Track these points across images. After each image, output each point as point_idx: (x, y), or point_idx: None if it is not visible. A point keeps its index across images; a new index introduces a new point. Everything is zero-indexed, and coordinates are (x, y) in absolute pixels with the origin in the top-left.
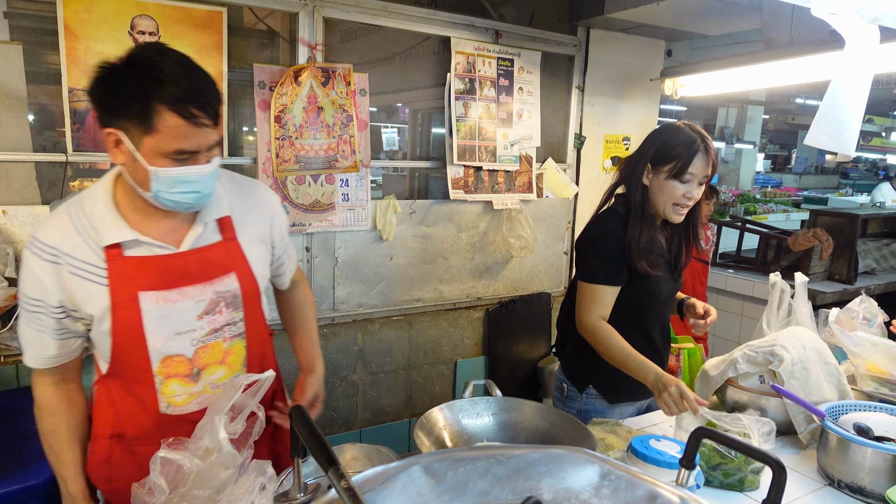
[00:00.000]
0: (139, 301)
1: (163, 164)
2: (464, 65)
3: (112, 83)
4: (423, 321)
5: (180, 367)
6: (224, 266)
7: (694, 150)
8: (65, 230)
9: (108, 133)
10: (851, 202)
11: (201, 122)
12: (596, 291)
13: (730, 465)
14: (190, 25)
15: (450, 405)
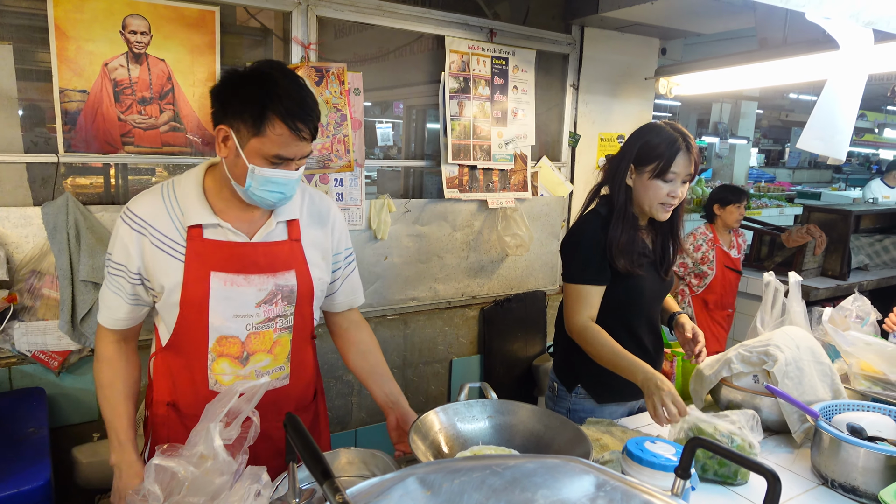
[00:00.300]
0: (210, 279)
1: (260, 165)
2: (458, 64)
3: (236, 87)
4: (419, 320)
5: (233, 349)
6: (287, 263)
7: (675, 148)
8: (155, 206)
9: (220, 129)
10: (844, 197)
11: (302, 135)
12: (581, 292)
13: None
14: (182, 25)
15: (445, 408)
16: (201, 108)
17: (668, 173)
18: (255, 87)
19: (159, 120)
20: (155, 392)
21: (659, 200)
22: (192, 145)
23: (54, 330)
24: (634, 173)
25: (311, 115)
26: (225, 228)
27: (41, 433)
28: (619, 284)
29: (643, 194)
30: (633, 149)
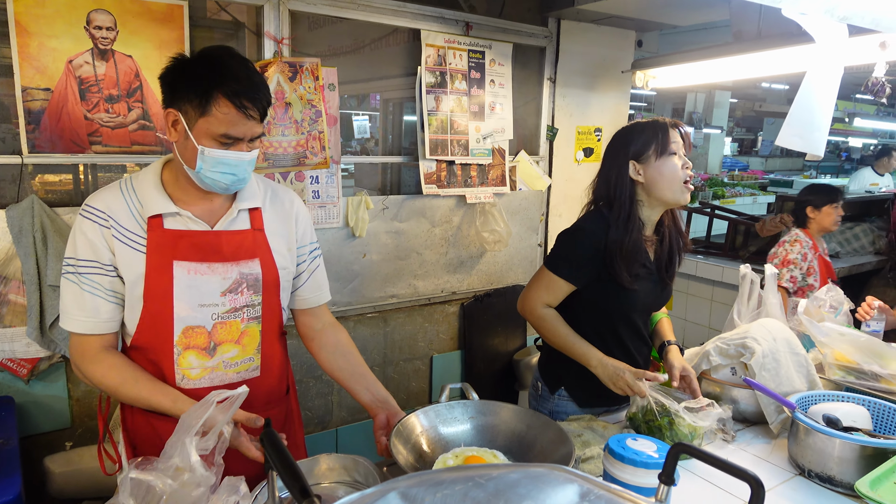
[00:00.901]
0: (173, 268)
1: (210, 146)
2: (434, 58)
3: (181, 70)
4: (398, 317)
5: (199, 339)
6: (250, 251)
7: (663, 124)
8: (114, 199)
9: (169, 112)
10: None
11: (249, 114)
12: (553, 282)
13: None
14: (149, 20)
15: (426, 410)
16: None
17: (669, 145)
18: (201, 68)
19: (127, 118)
20: None
21: (679, 178)
22: (163, 144)
23: (22, 337)
24: (640, 166)
25: (258, 94)
26: (185, 217)
27: (10, 444)
28: (614, 291)
29: (661, 179)
30: (623, 149)
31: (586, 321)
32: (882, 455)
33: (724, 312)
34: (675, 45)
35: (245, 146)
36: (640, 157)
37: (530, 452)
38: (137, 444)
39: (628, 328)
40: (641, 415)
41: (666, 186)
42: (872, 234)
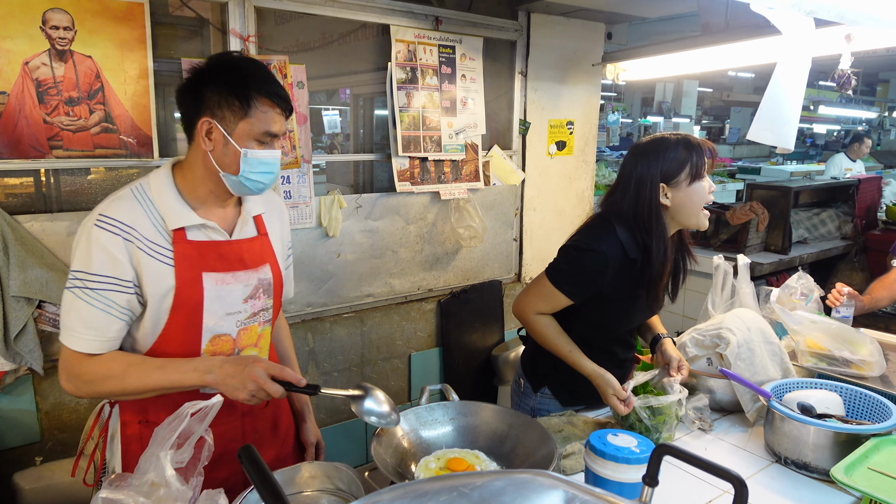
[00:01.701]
0: (202, 280)
1: (252, 147)
2: (404, 53)
3: (209, 79)
4: (375, 316)
5: (225, 346)
6: (262, 257)
7: (697, 147)
8: (134, 211)
9: (204, 122)
10: (782, 171)
11: (285, 109)
12: (552, 294)
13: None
14: (109, 18)
15: (405, 414)
16: (135, 108)
17: (702, 171)
18: (231, 73)
19: (89, 121)
20: (123, 412)
21: (704, 203)
22: (127, 147)
23: None
24: (670, 190)
25: (285, 93)
26: (209, 228)
27: None
28: (613, 309)
29: (690, 205)
30: (651, 170)
31: (576, 329)
32: (855, 440)
33: (697, 300)
34: (644, 37)
35: (278, 143)
36: (670, 181)
37: (512, 452)
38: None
39: (617, 338)
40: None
41: (693, 212)
42: (838, 219)
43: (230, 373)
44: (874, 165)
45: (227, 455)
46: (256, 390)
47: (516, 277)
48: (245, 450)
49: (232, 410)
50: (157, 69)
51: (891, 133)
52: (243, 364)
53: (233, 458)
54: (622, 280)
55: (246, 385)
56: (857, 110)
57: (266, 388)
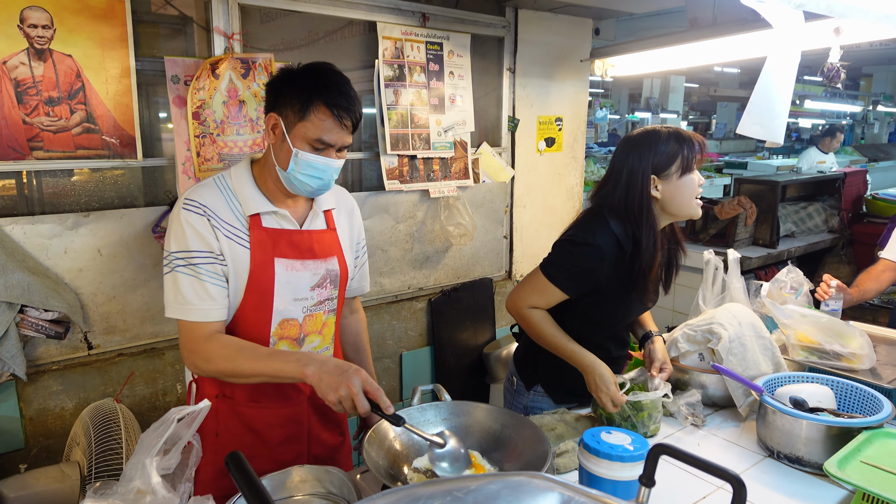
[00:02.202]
0: (274, 265)
1: (304, 149)
2: (392, 51)
3: (288, 79)
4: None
5: (292, 331)
6: (331, 249)
7: (688, 140)
8: (215, 195)
9: (270, 117)
10: (769, 165)
11: (343, 123)
12: (547, 289)
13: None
14: (89, 17)
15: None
16: (117, 107)
17: (692, 163)
18: (306, 78)
19: (70, 121)
20: (200, 388)
21: (695, 195)
22: (110, 147)
23: None
24: (660, 182)
25: (353, 107)
26: (281, 216)
27: None
28: (608, 304)
29: (680, 198)
30: (643, 163)
31: (569, 325)
32: (847, 434)
33: (687, 295)
34: (632, 33)
35: (334, 154)
36: (661, 173)
37: (506, 452)
38: (221, 432)
39: (611, 334)
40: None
41: (684, 203)
42: (825, 212)
43: (330, 371)
44: (858, 159)
45: (295, 437)
46: (346, 398)
47: (507, 275)
48: (232, 457)
49: (299, 393)
50: (139, 68)
51: (874, 127)
52: (344, 368)
53: (300, 440)
54: (618, 273)
55: (339, 389)
56: (842, 104)
57: (356, 401)
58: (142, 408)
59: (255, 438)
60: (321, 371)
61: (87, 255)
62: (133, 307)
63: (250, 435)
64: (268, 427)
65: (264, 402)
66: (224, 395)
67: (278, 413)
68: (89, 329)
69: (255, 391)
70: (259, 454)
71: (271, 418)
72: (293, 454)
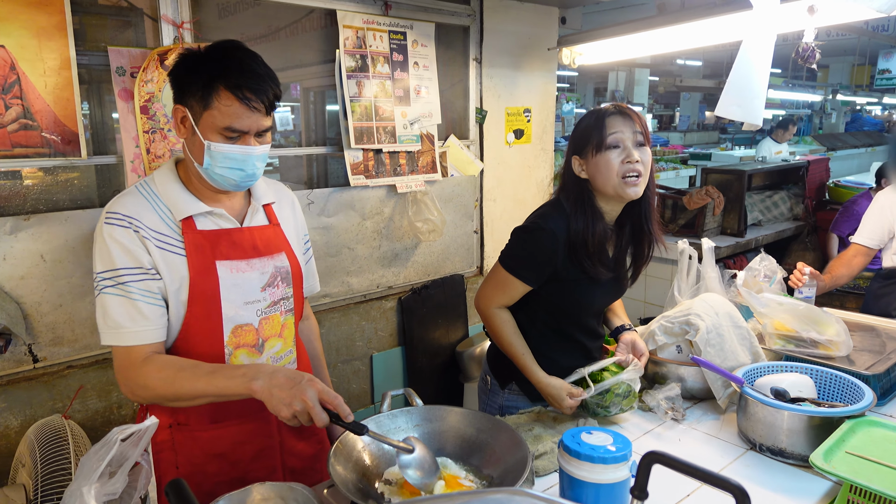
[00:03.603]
0: (216, 269)
1: (216, 140)
2: (353, 40)
3: (187, 65)
4: (333, 317)
5: (248, 337)
6: (277, 245)
7: (602, 114)
8: (139, 204)
9: (177, 109)
10: (732, 156)
11: (253, 106)
12: (508, 282)
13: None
14: (22, 4)
15: (366, 423)
16: (57, 102)
17: (606, 139)
18: (206, 61)
19: (5, 117)
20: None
21: (617, 173)
22: (51, 145)
23: None
24: (582, 163)
25: (263, 86)
26: (217, 216)
27: None
28: (571, 291)
29: (599, 176)
30: (570, 143)
31: (539, 318)
32: (829, 423)
33: (659, 286)
34: (598, 23)
35: (253, 140)
36: (580, 152)
37: (483, 458)
38: (181, 463)
39: (582, 326)
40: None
41: (605, 182)
42: (790, 200)
43: (280, 384)
44: (817, 148)
45: (266, 452)
46: (301, 412)
47: (478, 270)
48: (172, 486)
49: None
50: (83, 61)
51: (832, 117)
52: (297, 379)
53: (271, 454)
54: (572, 259)
55: (293, 403)
56: (803, 93)
57: (312, 414)
58: (95, 423)
59: (222, 462)
60: (270, 385)
61: (28, 261)
62: (82, 315)
63: (215, 461)
64: (234, 447)
65: (227, 420)
66: (178, 423)
67: (244, 429)
68: (33, 341)
69: (214, 411)
70: (228, 478)
71: (237, 436)
72: (266, 470)
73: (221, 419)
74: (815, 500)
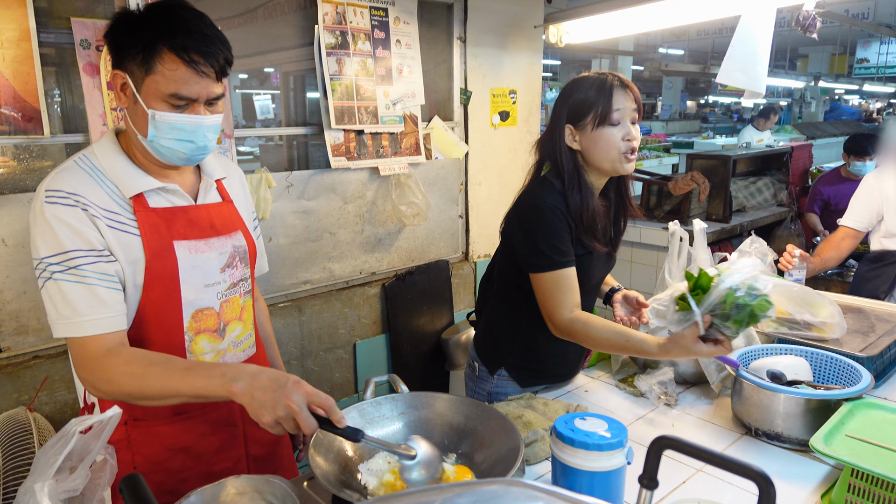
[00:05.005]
0: (174, 250)
1: (161, 109)
2: (333, 15)
3: (125, 25)
4: (314, 305)
5: (209, 321)
6: (233, 223)
7: (609, 86)
8: (83, 180)
9: (116, 75)
10: (713, 144)
11: (201, 70)
12: (560, 278)
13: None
14: None
15: (348, 411)
16: (16, 76)
17: (611, 114)
18: (146, 21)
19: None
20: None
21: (617, 149)
22: (11, 122)
23: None
24: (577, 133)
25: (212, 49)
26: (171, 192)
27: None
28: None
29: (596, 151)
30: (563, 110)
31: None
32: (826, 406)
33: (645, 272)
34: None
35: (202, 108)
36: (577, 123)
37: (472, 447)
38: (139, 462)
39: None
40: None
41: (603, 157)
42: (774, 186)
43: (263, 386)
44: (797, 136)
45: (230, 442)
46: (286, 418)
47: (463, 256)
48: (126, 482)
49: None
50: (48, 36)
51: (811, 105)
52: (281, 381)
53: (236, 444)
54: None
55: (276, 408)
56: (786, 79)
57: (299, 420)
58: (64, 415)
59: (185, 457)
60: (252, 387)
61: None
62: None
63: (178, 456)
64: (197, 439)
65: (189, 410)
66: (135, 419)
67: (207, 419)
68: None
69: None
70: (192, 473)
71: (200, 427)
72: (231, 461)
73: (183, 410)
74: (814, 484)
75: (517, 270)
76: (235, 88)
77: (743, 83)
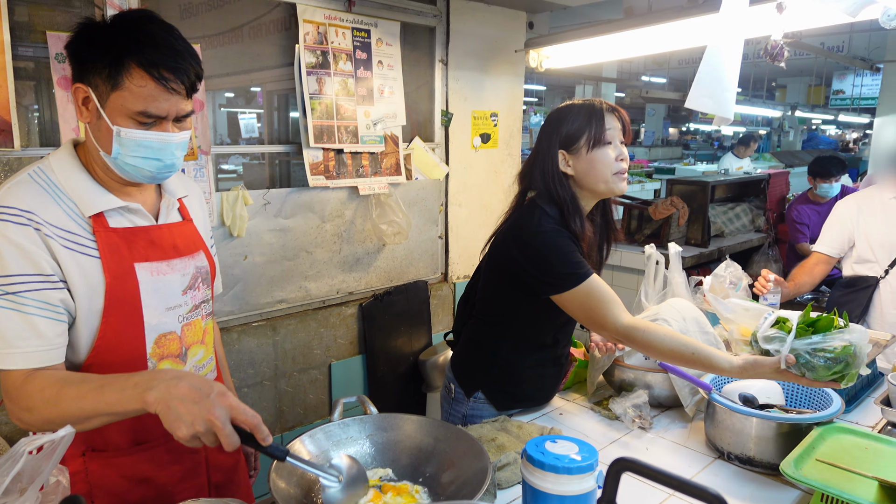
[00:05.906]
0: (135, 272)
1: (127, 126)
2: (314, 35)
3: (90, 38)
4: (289, 324)
5: (172, 346)
6: (195, 244)
7: (598, 110)
8: (37, 196)
9: (78, 88)
10: (694, 170)
11: (171, 87)
12: (590, 287)
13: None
14: None
15: (313, 434)
16: None
17: (604, 134)
18: (112, 33)
19: None
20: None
21: (612, 170)
22: None
23: None
24: (570, 158)
25: (182, 64)
26: (132, 211)
27: None
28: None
29: (592, 172)
30: (553, 137)
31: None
32: (798, 430)
33: (623, 295)
34: (566, 30)
35: (171, 126)
36: (570, 147)
37: (440, 469)
38: (97, 496)
39: (559, 327)
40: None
41: (598, 178)
42: (752, 212)
43: (182, 395)
44: (776, 164)
45: (192, 470)
46: (205, 433)
47: (443, 277)
48: (67, 500)
49: None
50: (21, 46)
51: (790, 135)
52: (204, 391)
53: (198, 471)
54: None
55: (196, 422)
56: (764, 108)
57: (220, 437)
58: (25, 435)
59: (146, 488)
60: (169, 396)
61: None
62: None
63: (138, 487)
64: (159, 469)
65: (151, 439)
66: (93, 449)
67: (170, 447)
68: None
69: (134, 431)
70: None
71: (162, 456)
72: (194, 490)
73: (145, 440)
74: None
75: (503, 294)
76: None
77: (711, 108)
